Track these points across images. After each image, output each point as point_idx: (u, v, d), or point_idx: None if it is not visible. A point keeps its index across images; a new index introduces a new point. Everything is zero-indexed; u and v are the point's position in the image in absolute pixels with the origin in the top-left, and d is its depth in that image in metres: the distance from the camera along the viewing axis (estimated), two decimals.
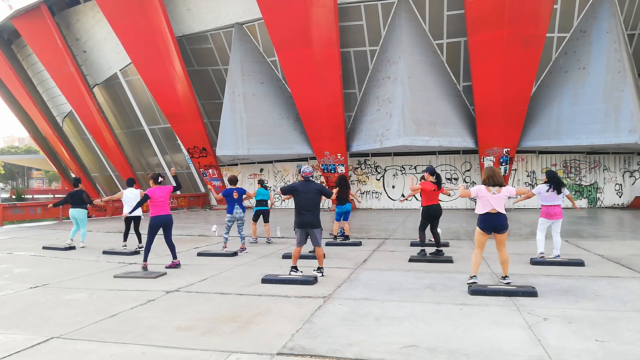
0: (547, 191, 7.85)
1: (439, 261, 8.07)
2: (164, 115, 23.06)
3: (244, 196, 9.80)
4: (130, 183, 10.47)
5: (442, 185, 9.13)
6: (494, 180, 6.06)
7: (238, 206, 9.60)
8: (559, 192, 7.84)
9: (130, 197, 9.97)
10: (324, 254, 7.26)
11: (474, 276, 6.05)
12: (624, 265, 7.56)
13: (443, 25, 19.07)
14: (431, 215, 8.56)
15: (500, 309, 5.13)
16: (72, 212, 10.64)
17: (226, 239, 9.58)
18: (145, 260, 7.65)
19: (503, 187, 6.09)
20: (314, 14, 18.27)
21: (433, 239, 8.80)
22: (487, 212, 6.05)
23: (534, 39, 17.06)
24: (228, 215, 9.62)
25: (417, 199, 21.88)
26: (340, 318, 4.89)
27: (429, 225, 8.67)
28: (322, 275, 6.92)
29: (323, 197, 7.19)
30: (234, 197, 9.53)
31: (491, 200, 6.03)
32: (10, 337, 4.47)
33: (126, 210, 9.81)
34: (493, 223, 6.06)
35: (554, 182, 7.83)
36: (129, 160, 27.11)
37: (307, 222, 6.90)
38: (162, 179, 7.91)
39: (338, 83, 19.40)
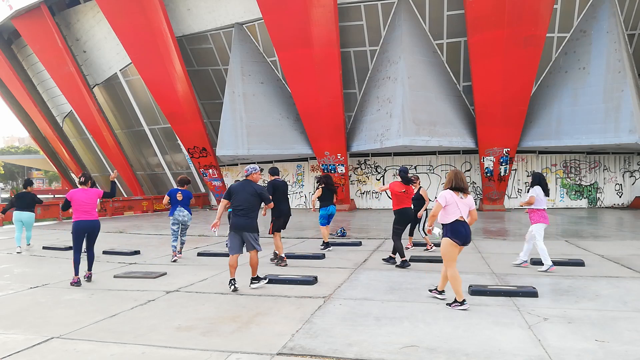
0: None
1: (439, 261, 8.04)
2: (164, 115, 23.05)
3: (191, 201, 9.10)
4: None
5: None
6: (460, 185, 5.39)
7: (183, 208, 8.85)
8: (547, 194, 7.48)
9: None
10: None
11: (463, 301, 5.18)
12: (624, 265, 7.56)
13: (443, 25, 19.07)
14: (404, 219, 8.03)
15: (500, 309, 5.13)
16: (21, 215, 10.20)
17: (174, 246, 8.69)
18: (77, 273, 6.66)
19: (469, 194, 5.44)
20: (314, 14, 18.27)
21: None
22: (457, 220, 5.30)
23: (534, 39, 17.06)
24: (170, 217, 8.84)
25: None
26: (340, 318, 4.89)
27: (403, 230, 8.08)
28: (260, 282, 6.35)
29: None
30: (177, 198, 8.81)
31: (460, 206, 5.32)
32: (10, 337, 4.47)
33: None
34: (466, 232, 5.32)
35: (545, 184, 7.48)
36: (129, 160, 27.11)
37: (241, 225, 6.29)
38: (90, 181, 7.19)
39: (338, 83, 19.40)
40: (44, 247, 10.42)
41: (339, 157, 20.87)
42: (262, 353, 3.93)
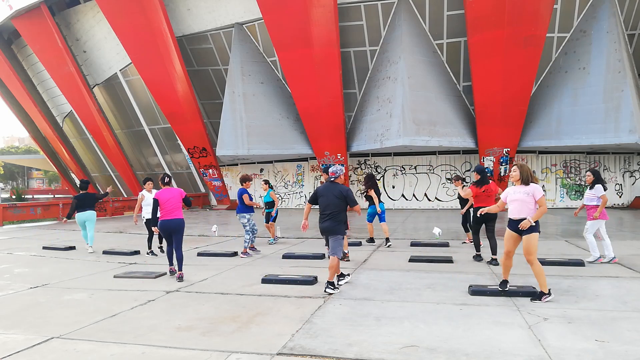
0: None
1: (439, 261, 8.07)
2: (164, 115, 23.06)
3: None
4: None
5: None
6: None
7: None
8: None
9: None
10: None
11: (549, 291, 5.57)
12: (624, 265, 7.56)
13: (443, 25, 19.07)
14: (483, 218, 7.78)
15: (501, 309, 5.13)
16: (86, 215, 9.85)
17: (253, 240, 9.16)
18: (171, 263, 7.33)
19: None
20: (314, 14, 18.27)
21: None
22: None
23: (534, 39, 17.06)
24: (247, 215, 9.18)
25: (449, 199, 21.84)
26: (340, 318, 4.89)
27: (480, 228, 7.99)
28: (335, 289, 6.01)
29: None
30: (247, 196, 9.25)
31: None
32: (10, 337, 4.47)
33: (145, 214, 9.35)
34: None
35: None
36: (129, 160, 27.11)
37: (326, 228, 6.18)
38: (168, 179, 7.37)
39: (338, 83, 19.40)
40: (44, 247, 10.42)
41: (339, 157, 20.87)
42: (262, 353, 3.93)
